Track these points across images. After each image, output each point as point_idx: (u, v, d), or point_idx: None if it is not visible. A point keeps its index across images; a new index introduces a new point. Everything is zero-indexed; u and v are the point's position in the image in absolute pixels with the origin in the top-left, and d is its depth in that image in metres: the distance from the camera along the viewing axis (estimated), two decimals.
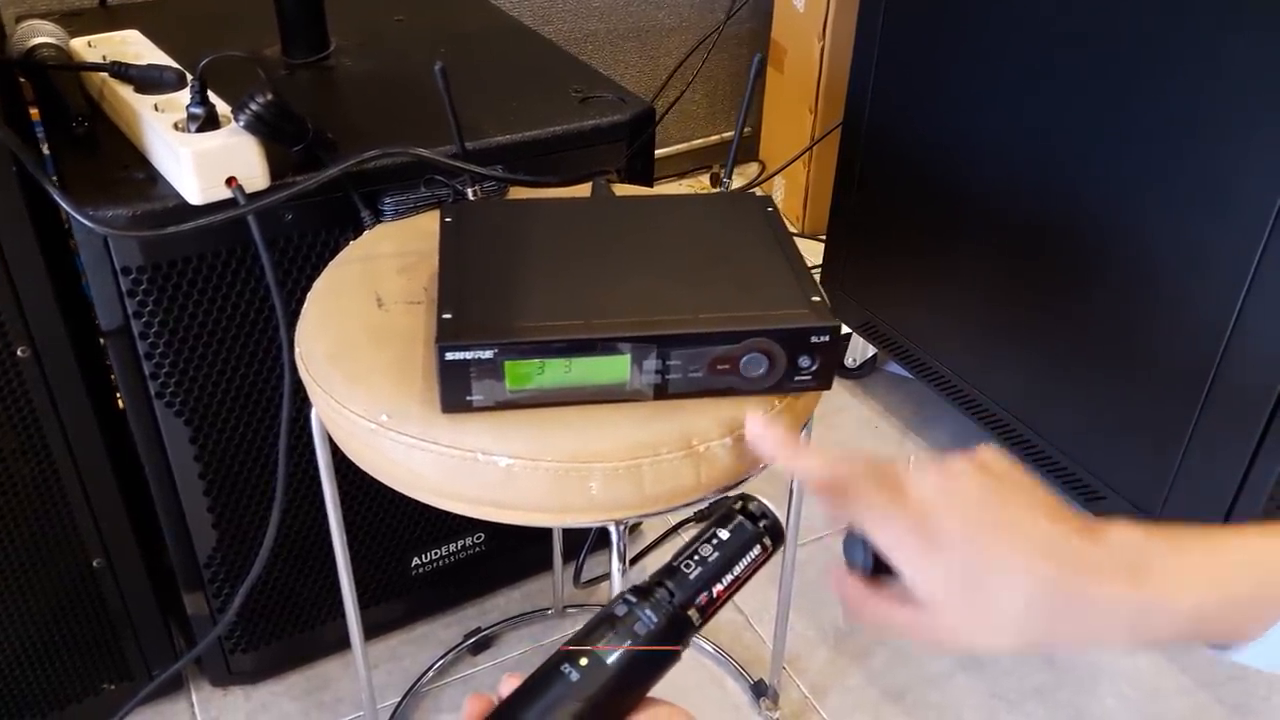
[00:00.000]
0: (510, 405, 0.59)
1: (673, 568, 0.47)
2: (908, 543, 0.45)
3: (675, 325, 0.58)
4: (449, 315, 0.58)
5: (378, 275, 0.70)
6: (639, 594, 0.45)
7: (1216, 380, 1.07)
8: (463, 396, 0.58)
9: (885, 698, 1.19)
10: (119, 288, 0.86)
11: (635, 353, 0.58)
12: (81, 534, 0.97)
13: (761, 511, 0.49)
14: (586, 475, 0.58)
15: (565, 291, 0.61)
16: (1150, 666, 1.23)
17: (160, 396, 0.92)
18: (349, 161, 0.78)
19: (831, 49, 1.81)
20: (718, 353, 0.59)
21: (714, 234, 0.67)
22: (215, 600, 1.07)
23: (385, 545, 1.13)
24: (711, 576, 0.47)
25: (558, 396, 0.59)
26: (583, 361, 0.58)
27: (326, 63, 1.08)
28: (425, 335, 0.65)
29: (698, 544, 0.48)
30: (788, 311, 0.59)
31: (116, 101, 0.90)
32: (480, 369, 0.57)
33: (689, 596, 0.46)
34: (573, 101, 1.02)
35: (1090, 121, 1.13)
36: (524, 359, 0.57)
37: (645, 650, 0.43)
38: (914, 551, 0.45)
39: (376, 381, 0.61)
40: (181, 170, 0.81)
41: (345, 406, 0.61)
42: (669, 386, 0.60)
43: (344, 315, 0.67)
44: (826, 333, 0.59)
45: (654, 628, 0.44)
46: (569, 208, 0.74)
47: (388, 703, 1.15)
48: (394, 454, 0.59)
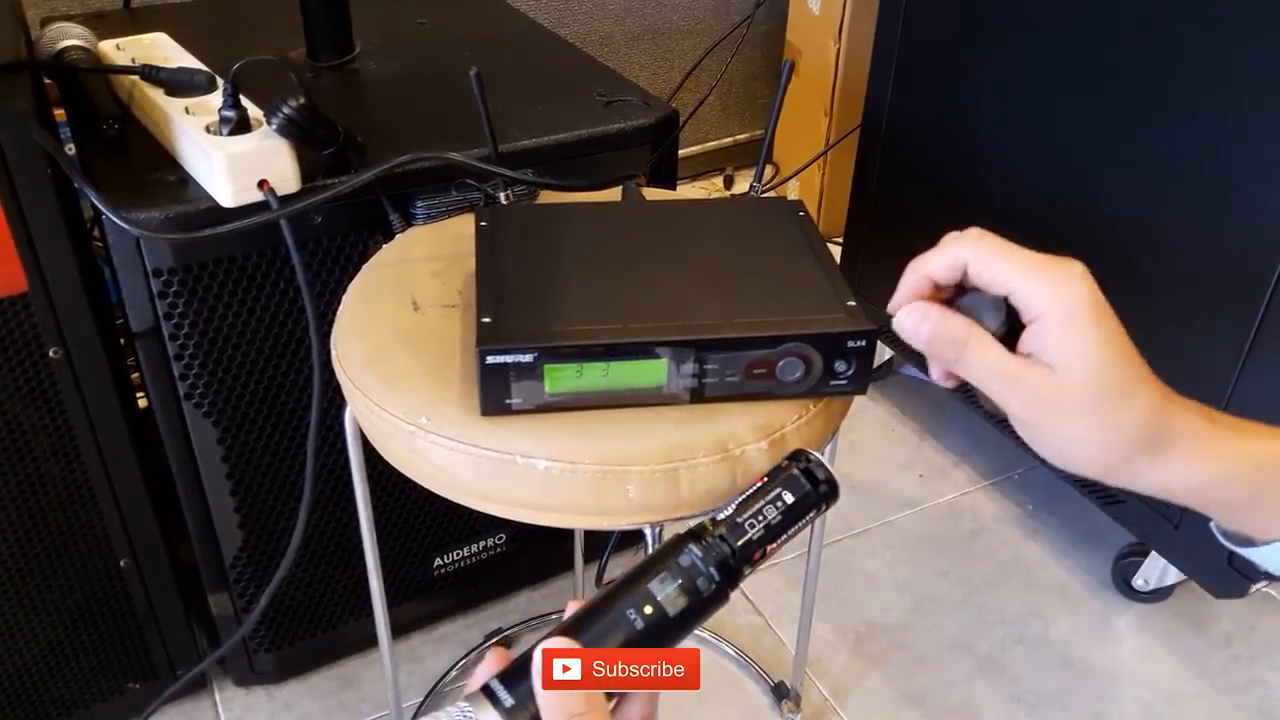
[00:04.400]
0: (549, 408, 0.59)
1: (736, 523, 0.48)
2: (1082, 311, 0.46)
3: (713, 330, 0.59)
4: (488, 319, 0.58)
5: (412, 278, 0.71)
6: (703, 547, 0.47)
7: (1238, 388, 1.07)
8: (502, 400, 0.58)
9: (905, 700, 1.19)
10: (150, 289, 0.87)
11: (673, 357, 0.59)
12: (109, 534, 0.98)
13: (825, 475, 0.51)
14: (624, 478, 0.58)
15: (603, 295, 0.62)
16: (1169, 671, 1.24)
17: (189, 397, 0.93)
18: (384, 165, 0.78)
19: (847, 51, 1.81)
20: (754, 357, 0.59)
21: (747, 238, 0.68)
22: (240, 600, 1.07)
23: (408, 546, 1.14)
24: (770, 538, 0.48)
25: (595, 400, 0.60)
26: (621, 365, 0.58)
27: (351, 66, 1.09)
28: (462, 338, 0.65)
29: (762, 503, 0.49)
30: (824, 316, 0.60)
31: (147, 104, 0.90)
32: (520, 372, 0.57)
33: (749, 556, 0.48)
34: (597, 105, 1.02)
35: (1112, 125, 1.13)
36: (563, 363, 0.58)
37: (703, 605, 0.46)
38: (1082, 318, 0.46)
39: (415, 384, 0.62)
40: (214, 173, 0.82)
41: (384, 409, 0.61)
42: (705, 390, 0.60)
43: (380, 318, 0.68)
44: (863, 337, 0.59)
45: (715, 585, 0.46)
46: (603, 212, 0.74)
47: (410, 703, 1.16)
48: (433, 456, 0.60)
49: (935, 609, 1.30)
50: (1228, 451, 0.48)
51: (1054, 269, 0.47)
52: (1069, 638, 1.27)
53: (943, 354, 0.50)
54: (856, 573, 1.35)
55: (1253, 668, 1.24)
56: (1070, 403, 0.47)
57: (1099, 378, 0.46)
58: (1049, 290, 0.46)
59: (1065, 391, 0.46)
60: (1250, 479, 0.48)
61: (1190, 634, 1.28)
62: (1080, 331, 0.46)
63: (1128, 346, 0.47)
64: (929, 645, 1.26)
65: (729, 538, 0.48)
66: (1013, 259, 0.48)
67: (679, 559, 0.47)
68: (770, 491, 0.50)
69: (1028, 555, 1.38)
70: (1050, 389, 0.47)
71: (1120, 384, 0.47)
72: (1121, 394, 0.47)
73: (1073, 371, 0.46)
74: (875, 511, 1.44)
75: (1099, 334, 0.46)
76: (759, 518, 0.49)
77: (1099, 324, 0.46)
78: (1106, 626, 1.29)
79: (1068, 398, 0.47)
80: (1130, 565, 1.30)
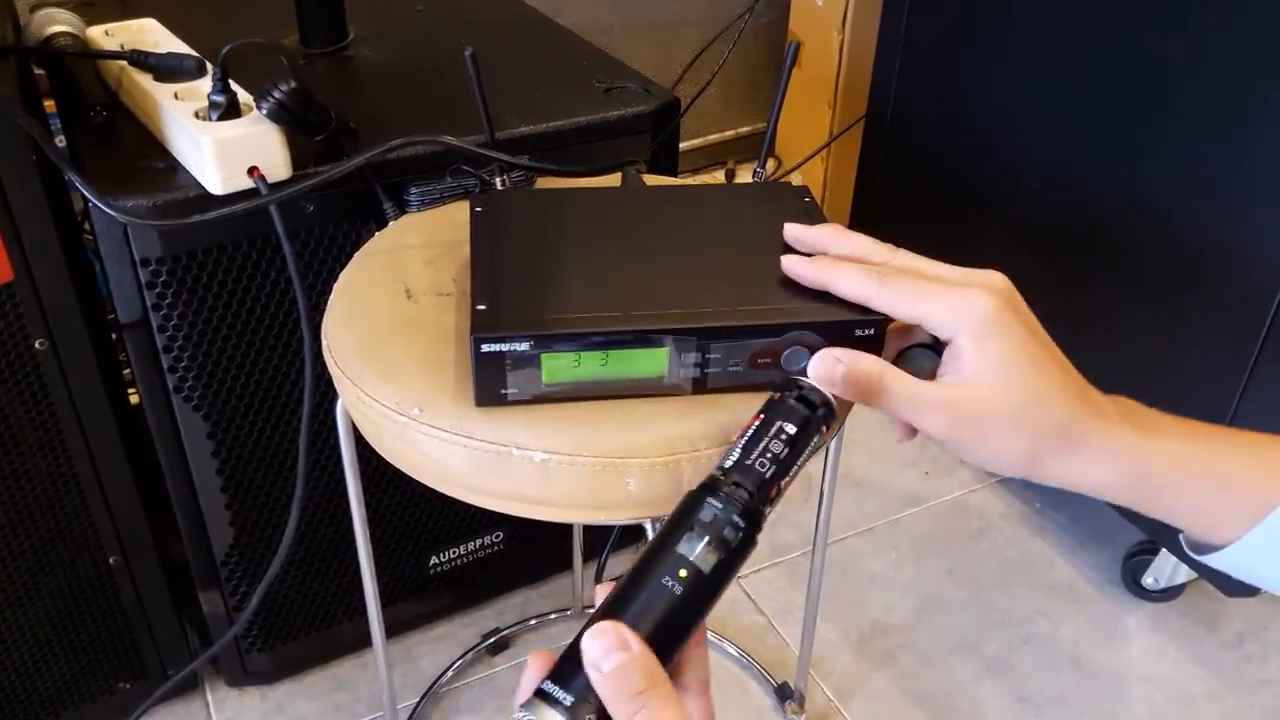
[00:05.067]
0: (546, 399, 0.57)
1: (746, 465, 0.47)
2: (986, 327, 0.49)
3: (716, 318, 0.56)
4: (483, 306, 0.56)
5: (405, 266, 0.69)
6: (721, 497, 0.46)
7: (1251, 381, 1.05)
8: (497, 390, 0.56)
9: (910, 701, 1.17)
10: (138, 279, 0.85)
11: (675, 346, 0.56)
12: (98, 530, 0.96)
13: (821, 398, 0.50)
14: (624, 471, 0.56)
15: (602, 282, 0.59)
16: (1180, 672, 1.21)
17: (178, 391, 0.91)
18: (376, 150, 0.76)
19: (851, 42, 1.78)
20: (759, 346, 0.57)
21: (752, 224, 0.65)
22: (232, 599, 1.05)
23: (403, 544, 1.12)
24: (783, 473, 0.48)
25: (594, 390, 0.57)
26: (620, 354, 0.56)
27: (345, 53, 1.06)
28: (456, 327, 0.63)
29: (766, 440, 0.48)
30: (831, 304, 0.57)
31: (135, 90, 0.88)
32: (516, 361, 0.55)
33: (766, 495, 0.47)
34: (596, 92, 1.00)
35: (1121, 113, 1.10)
36: (561, 351, 0.55)
37: (735, 555, 0.45)
38: (988, 334, 0.49)
39: (408, 375, 0.60)
40: (203, 159, 0.79)
41: (376, 400, 0.59)
42: (708, 380, 0.58)
43: (373, 307, 0.65)
44: (872, 326, 0.57)
45: (742, 532, 0.45)
46: (602, 197, 0.72)
47: (405, 704, 1.14)
48: (426, 448, 0.57)
49: (941, 608, 1.28)
50: (1139, 451, 0.50)
51: (956, 292, 0.49)
52: (1077, 637, 1.25)
53: (861, 394, 0.52)
54: (860, 572, 1.33)
55: (1265, 667, 1.22)
56: (989, 419, 0.49)
57: (1010, 389, 0.48)
58: (953, 314, 0.49)
59: (980, 406, 0.49)
60: (1164, 477, 0.50)
61: (1201, 633, 1.26)
62: (987, 348, 0.48)
63: (1045, 354, 0.50)
64: (935, 645, 1.24)
65: (744, 482, 0.47)
66: (919, 290, 0.51)
67: (700, 515, 0.45)
68: (771, 426, 0.49)
69: (1035, 553, 1.36)
70: (967, 406, 0.49)
71: (1037, 394, 0.49)
72: (1039, 404, 0.49)
73: (985, 387, 0.49)
74: (879, 509, 1.41)
75: (1005, 347, 0.49)
76: (767, 454, 0.47)
77: (1005, 337, 0.49)
78: (1116, 626, 1.27)
79: (986, 414, 0.49)
80: (1140, 563, 1.28)
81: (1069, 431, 0.49)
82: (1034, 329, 0.50)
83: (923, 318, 0.50)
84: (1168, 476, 0.50)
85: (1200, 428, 0.52)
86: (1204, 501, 0.51)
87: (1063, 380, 0.50)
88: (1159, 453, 0.50)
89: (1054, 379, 0.49)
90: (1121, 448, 0.50)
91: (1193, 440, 0.51)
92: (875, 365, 0.51)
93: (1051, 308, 1.29)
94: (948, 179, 1.35)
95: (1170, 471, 0.50)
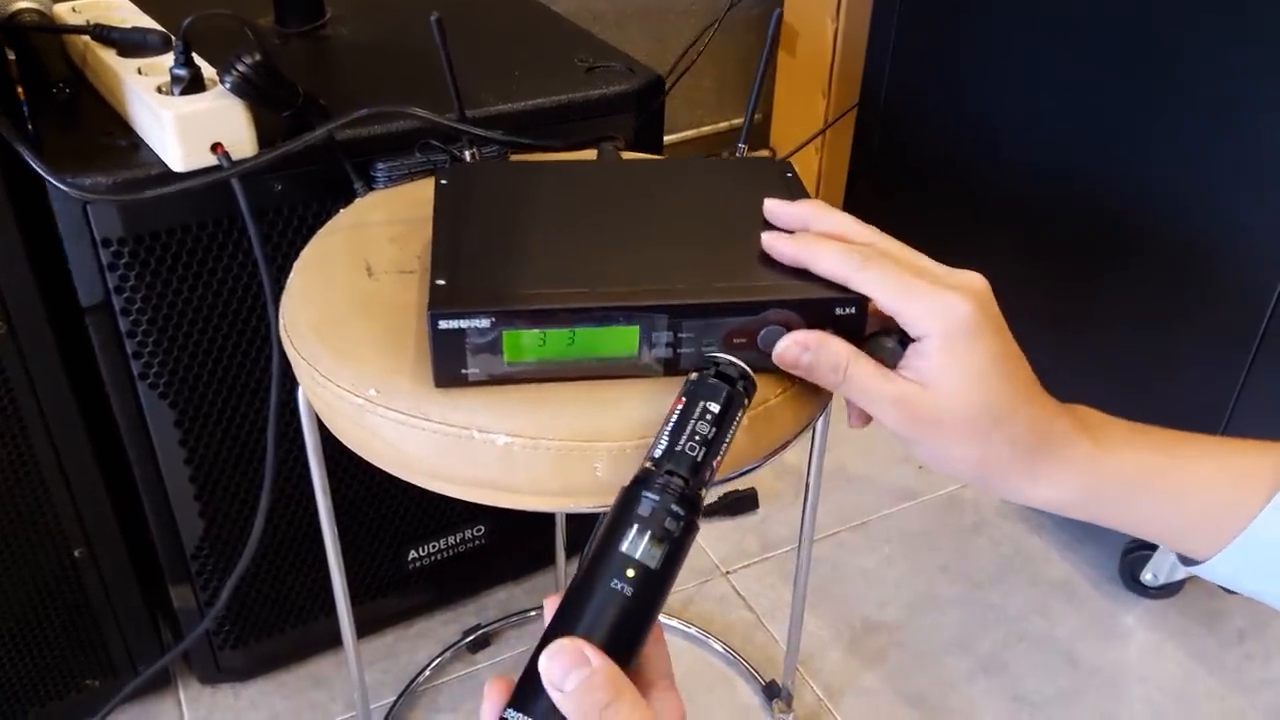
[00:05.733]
0: (509, 379, 0.54)
1: (676, 452, 0.46)
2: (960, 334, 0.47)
3: (689, 295, 0.53)
4: (442, 281, 0.53)
5: (368, 243, 0.65)
6: (657, 489, 0.44)
7: (1253, 370, 1.02)
8: (457, 369, 0.53)
9: (903, 700, 1.14)
10: (99, 261, 0.82)
11: (645, 324, 0.53)
12: (62, 522, 0.93)
13: (739, 371, 0.49)
14: (591, 455, 0.53)
15: (570, 257, 0.56)
16: (1179, 670, 1.18)
17: (144, 377, 0.88)
18: (337, 121, 0.73)
19: (846, 30, 1.75)
20: (734, 325, 0.54)
21: (730, 200, 0.62)
22: (203, 593, 1.02)
23: (381, 537, 1.09)
24: (714, 453, 0.47)
25: (561, 371, 0.54)
26: (588, 333, 0.53)
27: (322, 32, 1.03)
28: (418, 306, 0.60)
29: (692, 423, 0.47)
30: (810, 281, 0.54)
31: (99, 66, 0.85)
32: (476, 339, 0.52)
33: (702, 479, 0.46)
34: (578, 71, 0.97)
35: (1117, 102, 1.08)
36: (524, 329, 0.52)
37: (680, 545, 0.44)
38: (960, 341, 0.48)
39: (365, 354, 0.57)
40: (164, 135, 0.77)
41: (331, 381, 0.56)
42: (681, 361, 0.55)
43: (331, 285, 0.62)
44: (852, 304, 0.54)
45: (683, 521, 0.44)
46: (574, 170, 0.69)
47: (384, 702, 1.11)
48: (384, 431, 0.54)
49: (934, 606, 1.25)
50: (1095, 467, 0.49)
51: (935, 294, 0.48)
52: (1074, 635, 1.22)
53: (825, 379, 0.51)
54: (852, 568, 1.29)
55: (1267, 666, 1.19)
56: (945, 424, 0.48)
57: (974, 400, 0.47)
58: (929, 314, 0.48)
59: (941, 413, 0.48)
60: (1120, 493, 0.49)
61: (1201, 631, 1.23)
62: (957, 355, 0.47)
63: (1010, 366, 0.48)
64: (928, 643, 1.20)
65: (677, 469, 0.45)
66: (899, 283, 0.49)
67: (639, 511, 0.44)
68: (695, 408, 0.47)
69: (1031, 549, 1.33)
70: (927, 409, 0.48)
71: (996, 407, 0.48)
72: (997, 417, 0.48)
73: (948, 394, 0.48)
74: (872, 504, 1.38)
75: (975, 358, 0.47)
76: (695, 437, 0.46)
77: (976, 347, 0.47)
78: (1113, 624, 1.24)
79: (943, 419, 0.48)
80: (1138, 559, 1.25)
81: (1023, 446, 0.48)
82: (1003, 338, 0.49)
83: (898, 311, 0.49)
84: (1124, 492, 0.49)
85: (1160, 438, 0.50)
86: (1162, 515, 0.50)
87: (1024, 395, 0.49)
88: (1115, 468, 0.49)
89: (1016, 393, 0.48)
90: (1076, 464, 0.49)
91: (1151, 452, 0.50)
92: (844, 352, 0.50)
93: (1044, 299, 1.27)
94: (941, 168, 1.33)
95: (1126, 487, 0.49)
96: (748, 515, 1.36)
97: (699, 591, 1.25)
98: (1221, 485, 0.48)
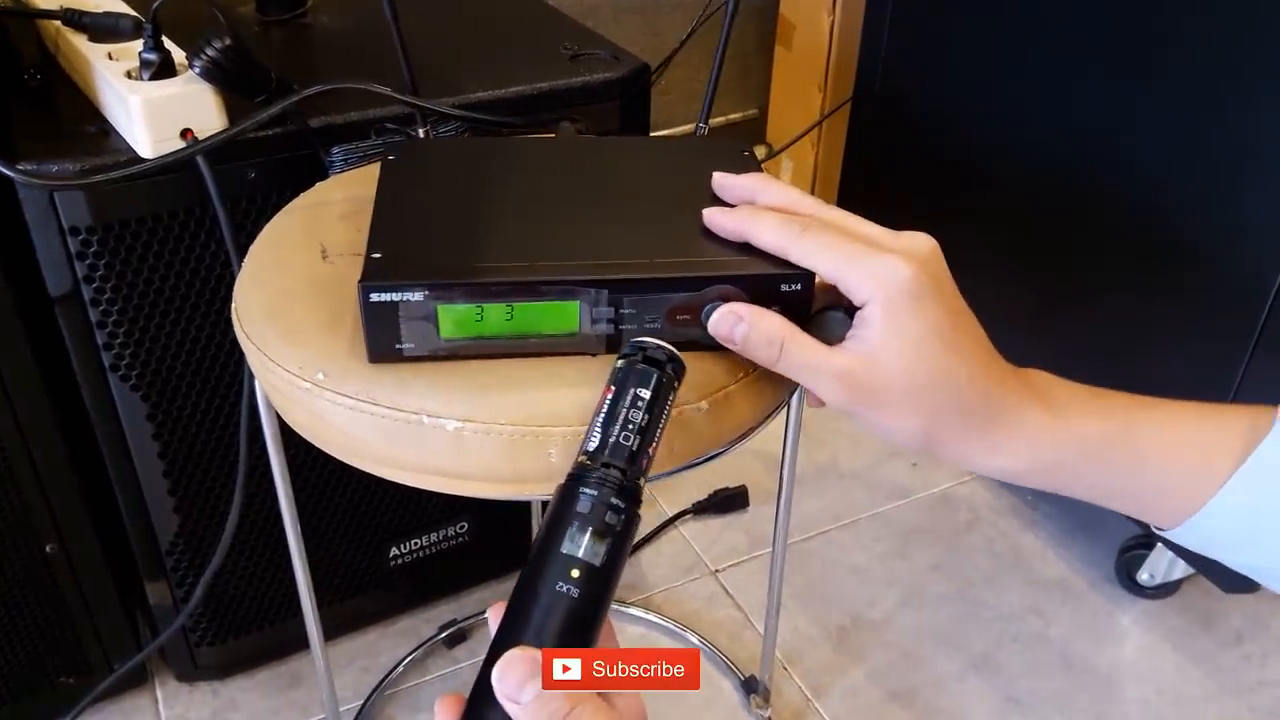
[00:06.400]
0: (447, 355, 0.52)
1: (610, 443, 0.45)
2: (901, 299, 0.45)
3: (630, 270, 0.52)
4: (378, 255, 0.51)
5: (323, 225, 0.64)
6: (594, 484, 0.43)
7: (1253, 359, 1.00)
8: (391, 344, 0.51)
9: (891, 700, 1.12)
10: (68, 249, 0.80)
11: (585, 299, 0.51)
12: (33, 516, 0.91)
13: (666, 354, 0.47)
14: (545, 441, 0.51)
15: (510, 231, 0.55)
16: (1176, 671, 1.16)
17: (115, 369, 0.86)
18: (295, 96, 0.72)
19: (842, 24, 1.73)
20: (677, 301, 0.52)
21: (682, 177, 0.60)
22: (179, 590, 1.01)
23: (361, 534, 1.07)
24: (649, 440, 0.46)
25: (501, 348, 0.52)
26: (526, 308, 0.51)
27: (303, 20, 1.02)
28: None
29: (624, 412, 0.45)
30: (755, 258, 0.52)
31: (70, 51, 0.84)
32: (410, 313, 0.50)
33: (639, 468, 0.45)
34: (563, 59, 0.95)
35: (1114, 92, 1.06)
36: (459, 303, 0.51)
37: (622, 539, 0.43)
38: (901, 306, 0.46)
39: (313, 337, 0.55)
40: (132, 121, 0.75)
41: (280, 365, 0.54)
42: (623, 338, 0.53)
43: (284, 267, 0.61)
44: (797, 280, 0.52)
45: (624, 514, 0.43)
46: (526, 147, 0.67)
47: (358, 702, 1.09)
48: (332, 417, 0.53)
49: (926, 604, 1.23)
50: (1050, 436, 0.47)
51: (874, 257, 0.46)
52: (1069, 635, 1.20)
53: (761, 355, 0.49)
54: (843, 566, 1.27)
55: (1265, 667, 1.17)
56: (888, 392, 0.46)
57: (917, 369, 0.46)
58: (868, 280, 0.46)
59: (878, 379, 0.46)
60: (1076, 462, 0.47)
61: (1198, 632, 1.20)
62: (897, 321, 0.45)
63: (958, 332, 0.46)
64: (918, 641, 1.18)
65: (613, 461, 0.44)
66: (838, 249, 0.47)
67: (577, 508, 0.42)
68: (625, 396, 0.46)
69: (1026, 547, 1.31)
70: (865, 377, 0.46)
71: (942, 374, 0.46)
72: (936, 381, 0.46)
73: (887, 360, 0.46)
74: (864, 501, 1.36)
75: (919, 323, 0.45)
76: (628, 426, 0.45)
77: (919, 312, 0.45)
78: (1109, 623, 1.21)
79: (880, 385, 0.46)
80: (1135, 559, 1.23)
81: (972, 412, 0.46)
82: (950, 301, 0.47)
83: (837, 278, 0.47)
84: (1081, 461, 0.47)
85: (1119, 403, 0.48)
86: (1122, 484, 0.48)
87: (974, 361, 0.47)
88: (1071, 436, 0.47)
89: (964, 360, 0.46)
90: (1031, 433, 0.47)
91: (1108, 420, 0.47)
92: (779, 327, 0.48)
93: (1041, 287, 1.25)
94: (937, 160, 1.31)
95: (1084, 456, 0.47)
96: (738, 513, 1.34)
97: (686, 589, 1.23)
98: (1185, 453, 0.46)
